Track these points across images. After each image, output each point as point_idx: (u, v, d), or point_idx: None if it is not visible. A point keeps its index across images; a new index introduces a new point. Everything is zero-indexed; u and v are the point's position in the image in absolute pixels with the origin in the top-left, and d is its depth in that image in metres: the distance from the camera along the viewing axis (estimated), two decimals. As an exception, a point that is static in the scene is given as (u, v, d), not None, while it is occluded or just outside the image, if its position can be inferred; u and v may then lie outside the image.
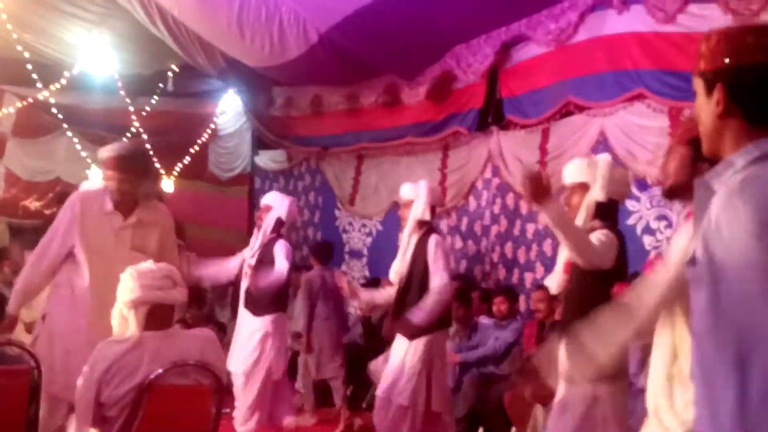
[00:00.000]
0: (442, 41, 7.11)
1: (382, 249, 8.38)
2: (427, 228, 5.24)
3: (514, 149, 7.00)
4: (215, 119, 11.27)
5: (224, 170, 11.31)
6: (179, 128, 10.91)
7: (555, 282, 4.25)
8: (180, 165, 10.70)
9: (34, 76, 9.03)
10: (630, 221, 5.86)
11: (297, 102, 9.57)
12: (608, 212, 3.79)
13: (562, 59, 6.30)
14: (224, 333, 7.78)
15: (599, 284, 3.78)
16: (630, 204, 5.74)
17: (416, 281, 5.20)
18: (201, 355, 3.20)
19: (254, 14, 7.02)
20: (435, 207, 5.40)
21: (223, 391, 3.28)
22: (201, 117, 11.21)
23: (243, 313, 6.24)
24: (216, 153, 11.62)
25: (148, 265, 3.23)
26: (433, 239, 5.16)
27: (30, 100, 9.67)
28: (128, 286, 3.12)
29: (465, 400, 6.21)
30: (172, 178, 10.34)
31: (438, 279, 5.09)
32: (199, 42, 8.14)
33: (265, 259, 6.14)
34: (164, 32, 7.91)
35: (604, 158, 3.97)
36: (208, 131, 11.24)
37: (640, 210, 5.88)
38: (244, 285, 6.27)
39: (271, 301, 6.16)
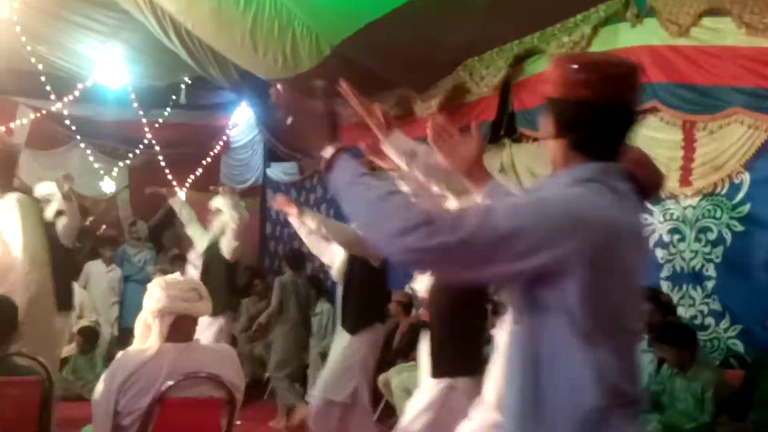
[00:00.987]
0: (455, 54, 7.10)
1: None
2: None
3: (526, 162, 6.97)
4: (228, 131, 11.32)
5: (236, 182, 11.34)
6: (192, 140, 10.97)
7: (423, 285, 4.30)
8: (192, 177, 10.73)
9: (48, 88, 9.08)
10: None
11: (309, 114, 9.53)
12: None
13: (575, 72, 6.28)
14: (235, 345, 7.83)
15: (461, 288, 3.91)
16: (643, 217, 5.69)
17: (357, 279, 5.38)
18: (218, 370, 3.19)
19: (267, 27, 7.03)
20: None
21: (235, 404, 3.27)
22: (213, 129, 11.26)
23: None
24: (228, 165, 11.67)
25: (176, 276, 3.26)
26: None
27: (43, 112, 9.72)
28: (156, 296, 3.13)
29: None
30: (184, 189, 10.37)
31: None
32: (212, 54, 8.17)
33: (210, 262, 6.22)
34: (177, 45, 7.94)
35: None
36: (221, 143, 11.29)
37: (653, 223, 5.84)
38: None
39: (228, 297, 6.34)
